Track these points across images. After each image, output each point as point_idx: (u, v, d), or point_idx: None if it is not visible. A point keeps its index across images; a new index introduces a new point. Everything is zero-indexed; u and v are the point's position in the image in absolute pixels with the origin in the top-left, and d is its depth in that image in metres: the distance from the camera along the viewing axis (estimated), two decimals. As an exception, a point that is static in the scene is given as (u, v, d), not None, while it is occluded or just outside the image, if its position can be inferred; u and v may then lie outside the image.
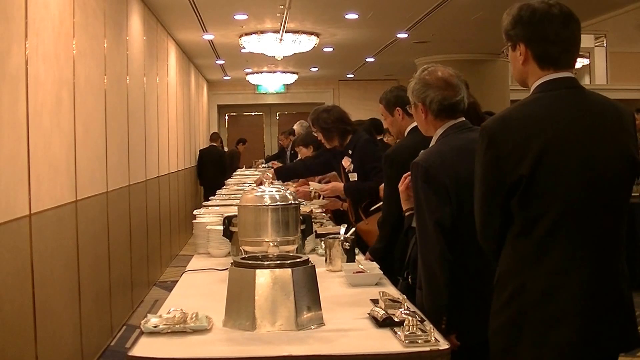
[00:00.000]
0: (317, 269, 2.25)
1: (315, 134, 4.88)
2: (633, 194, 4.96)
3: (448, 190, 2.37)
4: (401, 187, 2.99)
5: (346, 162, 4.46)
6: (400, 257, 3.41)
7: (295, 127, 9.34)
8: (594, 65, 15.91)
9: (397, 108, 3.75)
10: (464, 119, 2.57)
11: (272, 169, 6.31)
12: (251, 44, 9.86)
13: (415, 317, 2.04)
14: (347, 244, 3.06)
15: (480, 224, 2.07)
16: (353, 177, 4.42)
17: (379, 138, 5.23)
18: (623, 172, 1.99)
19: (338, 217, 4.82)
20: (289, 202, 2.26)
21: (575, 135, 1.96)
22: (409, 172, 2.99)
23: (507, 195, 1.97)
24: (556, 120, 1.96)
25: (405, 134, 3.74)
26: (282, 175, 5.58)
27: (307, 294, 2.16)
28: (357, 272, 2.80)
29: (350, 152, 4.48)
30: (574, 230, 1.93)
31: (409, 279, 2.86)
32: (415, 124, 3.68)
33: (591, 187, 1.95)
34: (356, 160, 4.39)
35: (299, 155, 7.11)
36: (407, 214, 3.02)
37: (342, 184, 4.51)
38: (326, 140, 4.65)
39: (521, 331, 1.96)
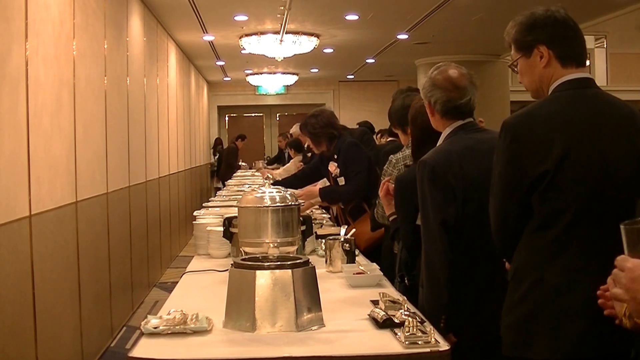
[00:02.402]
0: (317, 270, 2.25)
1: (302, 139, 4.89)
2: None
3: (454, 189, 2.38)
4: (381, 193, 2.99)
5: (332, 166, 4.45)
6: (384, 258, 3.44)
7: (292, 130, 9.35)
8: (594, 66, 15.90)
9: None
10: (472, 119, 2.57)
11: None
12: (251, 45, 9.86)
13: (416, 318, 2.04)
14: (348, 245, 3.06)
15: (498, 219, 2.09)
16: (341, 181, 4.41)
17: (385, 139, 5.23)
18: (636, 172, 2.02)
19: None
20: (289, 203, 2.26)
21: (596, 134, 1.99)
22: (387, 179, 3.01)
23: (528, 190, 1.99)
24: (578, 118, 1.99)
25: None
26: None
27: (308, 295, 2.16)
28: (357, 274, 2.80)
29: (335, 156, 4.46)
30: (591, 226, 1.96)
31: (405, 280, 2.87)
32: None
33: (608, 185, 1.98)
34: (341, 164, 4.38)
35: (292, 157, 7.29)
36: (390, 219, 3.02)
37: (317, 188, 4.49)
38: (314, 145, 4.63)
39: (537, 324, 1.98)
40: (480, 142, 2.48)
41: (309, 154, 6.68)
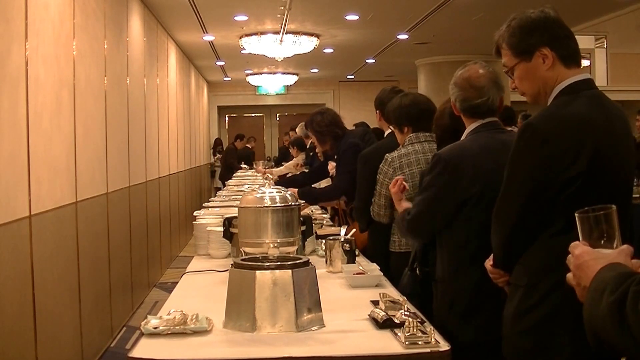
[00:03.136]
0: (317, 270, 2.25)
1: (306, 138, 4.88)
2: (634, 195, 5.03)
3: (463, 185, 2.39)
4: (393, 189, 2.99)
5: (330, 166, 4.45)
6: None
7: (297, 129, 9.36)
8: (594, 66, 15.91)
9: (377, 110, 3.83)
10: (495, 119, 2.56)
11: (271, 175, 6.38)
12: (251, 45, 9.86)
13: (416, 319, 2.04)
14: (348, 245, 3.06)
15: (511, 224, 2.03)
16: None
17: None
18: (634, 171, 2.05)
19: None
20: (289, 204, 2.26)
21: (614, 135, 1.98)
22: (401, 177, 3.01)
23: (557, 192, 1.93)
24: (598, 120, 1.96)
25: (385, 136, 3.77)
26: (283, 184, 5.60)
27: (308, 295, 2.16)
28: (357, 274, 2.80)
29: (335, 156, 4.45)
30: None
31: (417, 271, 2.85)
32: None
33: (624, 185, 2.00)
34: (338, 164, 4.37)
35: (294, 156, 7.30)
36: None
37: (297, 188, 4.49)
38: (319, 143, 4.63)
39: (559, 325, 1.94)
40: (500, 142, 2.46)
41: (311, 154, 6.69)
